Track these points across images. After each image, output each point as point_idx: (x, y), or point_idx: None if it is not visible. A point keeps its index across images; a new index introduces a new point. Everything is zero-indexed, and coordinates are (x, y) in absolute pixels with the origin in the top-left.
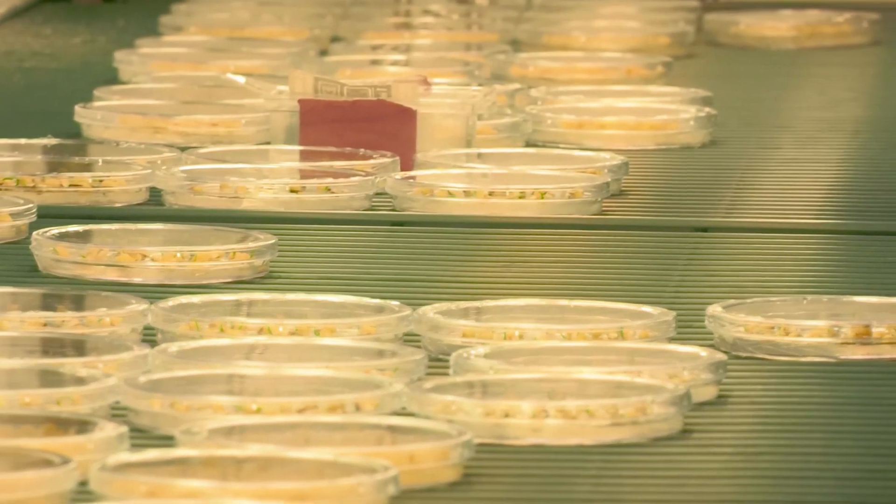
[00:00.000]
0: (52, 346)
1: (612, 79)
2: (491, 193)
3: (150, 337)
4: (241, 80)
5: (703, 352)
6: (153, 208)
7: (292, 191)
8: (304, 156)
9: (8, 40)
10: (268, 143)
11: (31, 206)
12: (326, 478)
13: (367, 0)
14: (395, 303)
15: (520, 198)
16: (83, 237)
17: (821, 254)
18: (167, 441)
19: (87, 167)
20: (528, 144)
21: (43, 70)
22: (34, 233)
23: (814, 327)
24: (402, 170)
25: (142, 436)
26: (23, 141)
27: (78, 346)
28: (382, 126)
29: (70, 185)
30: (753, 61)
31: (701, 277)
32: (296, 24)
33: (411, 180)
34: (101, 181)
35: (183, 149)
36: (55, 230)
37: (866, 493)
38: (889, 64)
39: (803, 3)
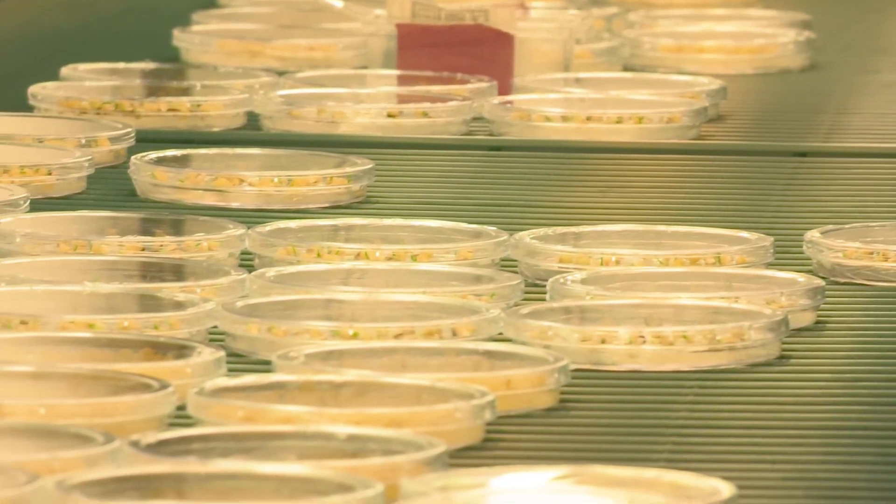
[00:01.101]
0: (150, 271)
1: (710, 2)
2: (588, 118)
3: (247, 262)
4: (338, 4)
5: (800, 277)
6: (251, 133)
7: (389, 115)
8: (402, 80)
9: None
10: (365, 67)
11: (129, 130)
12: (423, 403)
13: None
14: (491, 228)
15: (617, 122)
16: (181, 162)
17: None
18: (264, 366)
19: (185, 91)
20: (626, 69)
21: None
22: (132, 157)
23: None
24: (500, 94)
25: (239, 360)
26: (121, 65)
27: (176, 271)
28: (480, 50)
29: (168, 110)
30: None
31: (799, 203)
32: None
33: (508, 105)
34: (198, 106)
35: (280, 73)
36: (153, 155)
37: None
38: None
39: None
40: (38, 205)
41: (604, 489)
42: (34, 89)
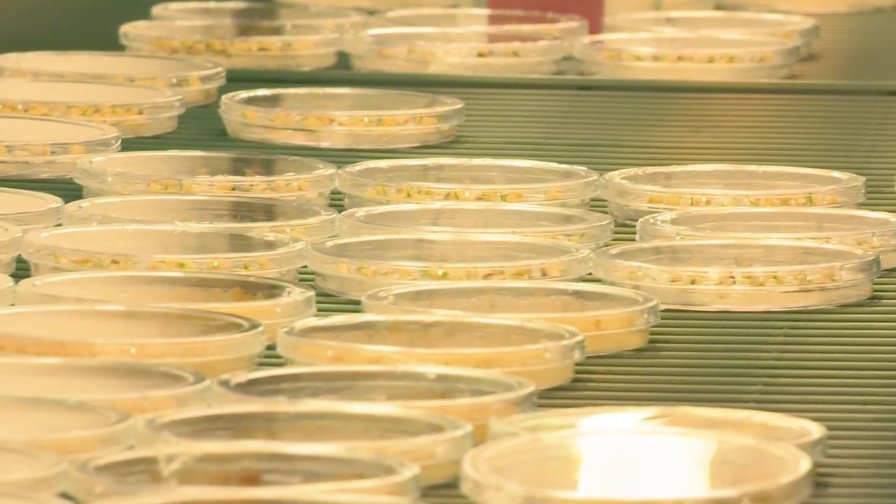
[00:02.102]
0: (240, 210)
1: None
2: (679, 58)
3: (337, 201)
4: None
5: (892, 217)
6: (341, 72)
7: (480, 55)
8: (492, 20)
9: None
10: (455, 6)
11: (220, 69)
12: (512, 343)
13: None
14: (581, 168)
15: (708, 62)
16: (271, 101)
17: None
18: (354, 306)
19: (275, 31)
20: (718, 8)
21: None
22: (223, 96)
23: None
24: (590, 34)
25: (328, 300)
26: (212, 4)
27: (266, 211)
28: None
29: (259, 49)
30: None
31: (892, 142)
32: None
33: (599, 44)
34: (289, 45)
35: (370, 13)
36: (244, 94)
37: None
38: None
39: None
40: (129, 144)
41: (693, 430)
42: (126, 28)
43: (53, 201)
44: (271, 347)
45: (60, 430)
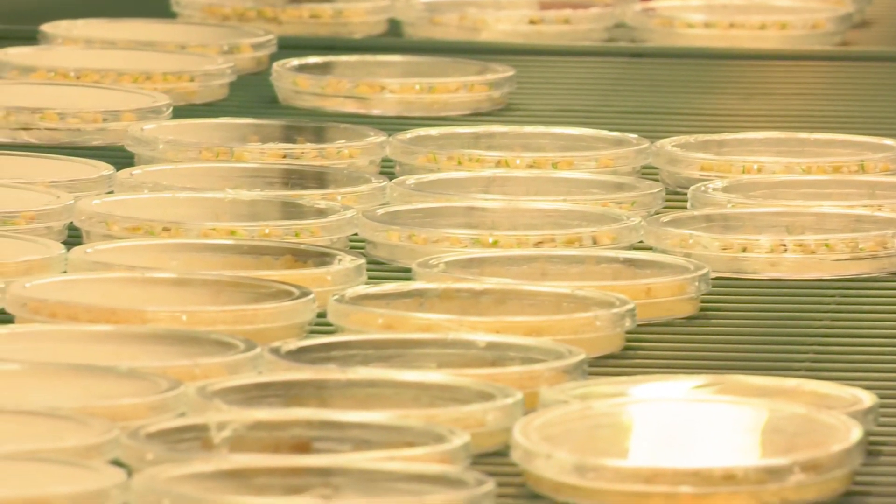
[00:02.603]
0: (291, 178)
1: None
2: (731, 25)
3: (387, 169)
4: None
5: None
6: (392, 39)
7: (531, 22)
8: None
9: None
10: None
11: (271, 37)
12: (563, 311)
13: None
14: (633, 135)
15: (760, 29)
16: (323, 68)
17: None
18: (404, 273)
19: None
20: None
21: None
22: (274, 64)
23: None
24: (642, 1)
25: (379, 268)
26: None
27: (317, 178)
28: None
29: (310, 17)
30: None
31: None
32: None
33: (651, 11)
34: (340, 12)
35: None
36: (295, 62)
37: None
38: None
39: None
40: (180, 112)
41: (744, 398)
42: None
43: (105, 169)
44: (322, 315)
45: (112, 397)
